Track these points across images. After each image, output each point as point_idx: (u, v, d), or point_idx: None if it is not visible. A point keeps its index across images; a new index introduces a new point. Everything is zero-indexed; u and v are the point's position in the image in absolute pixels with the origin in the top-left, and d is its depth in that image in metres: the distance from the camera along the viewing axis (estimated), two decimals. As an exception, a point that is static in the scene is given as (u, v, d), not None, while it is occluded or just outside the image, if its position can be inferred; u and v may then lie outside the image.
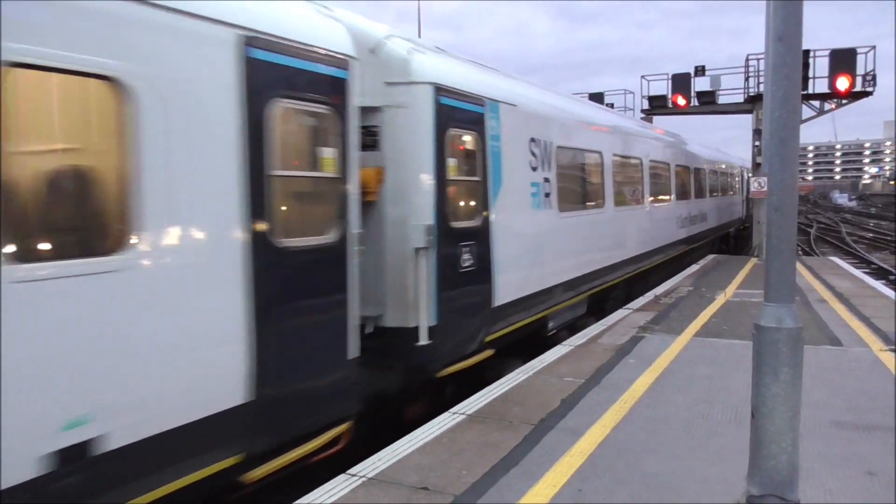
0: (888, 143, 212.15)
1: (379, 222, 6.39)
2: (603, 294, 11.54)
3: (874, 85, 20.25)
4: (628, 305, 11.22)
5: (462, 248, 7.02)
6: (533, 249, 8.68)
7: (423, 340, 6.35)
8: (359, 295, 5.41)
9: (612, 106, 23.89)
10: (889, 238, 34.95)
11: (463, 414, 5.81)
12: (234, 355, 4.28)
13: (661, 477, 4.55)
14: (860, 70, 20.09)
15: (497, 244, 7.62)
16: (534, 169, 8.76)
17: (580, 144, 10.75)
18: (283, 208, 4.78)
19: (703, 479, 4.51)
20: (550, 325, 9.37)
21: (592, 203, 11.11)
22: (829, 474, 4.57)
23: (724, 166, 26.81)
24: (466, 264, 7.07)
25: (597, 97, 24.90)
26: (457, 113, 7.00)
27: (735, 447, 4.91)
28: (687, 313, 10.48)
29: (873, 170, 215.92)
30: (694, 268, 16.82)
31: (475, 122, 7.38)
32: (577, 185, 10.77)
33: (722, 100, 23.61)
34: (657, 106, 24.34)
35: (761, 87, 20.26)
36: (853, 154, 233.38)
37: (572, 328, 9.95)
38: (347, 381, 5.24)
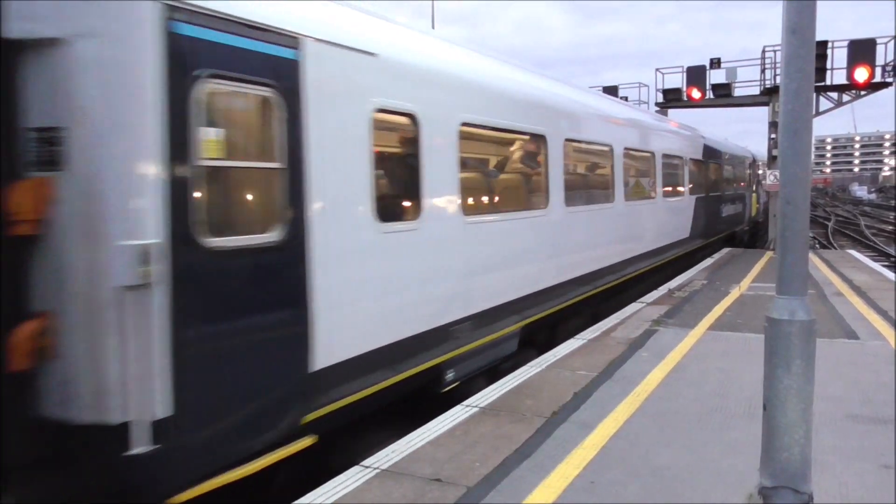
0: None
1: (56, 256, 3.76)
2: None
3: (894, 76, 19.93)
4: (641, 299, 11.19)
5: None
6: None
7: (139, 447, 3.70)
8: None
9: (626, 99, 23.73)
10: (909, 231, 34.51)
11: (476, 407, 5.85)
12: None
13: (673, 470, 4.56)
14: (880, 61, 19.80)
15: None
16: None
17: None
18: None
19: (716, 472, 4.51)
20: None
21: None
22: (844, 467, 4.56)
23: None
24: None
25: (611, 90, 24.75)
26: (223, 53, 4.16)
27: (748, 440, 4.91)
28: (701, 307, 10.43)
29: (893, 161, 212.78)
30: (708, 262, 16.72)
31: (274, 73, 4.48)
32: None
33: (738, 92, 23.35)
34: (672, 99, 24.12)
35: (778, 79, 20.01)
36: (873, 146, 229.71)
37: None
38: None
